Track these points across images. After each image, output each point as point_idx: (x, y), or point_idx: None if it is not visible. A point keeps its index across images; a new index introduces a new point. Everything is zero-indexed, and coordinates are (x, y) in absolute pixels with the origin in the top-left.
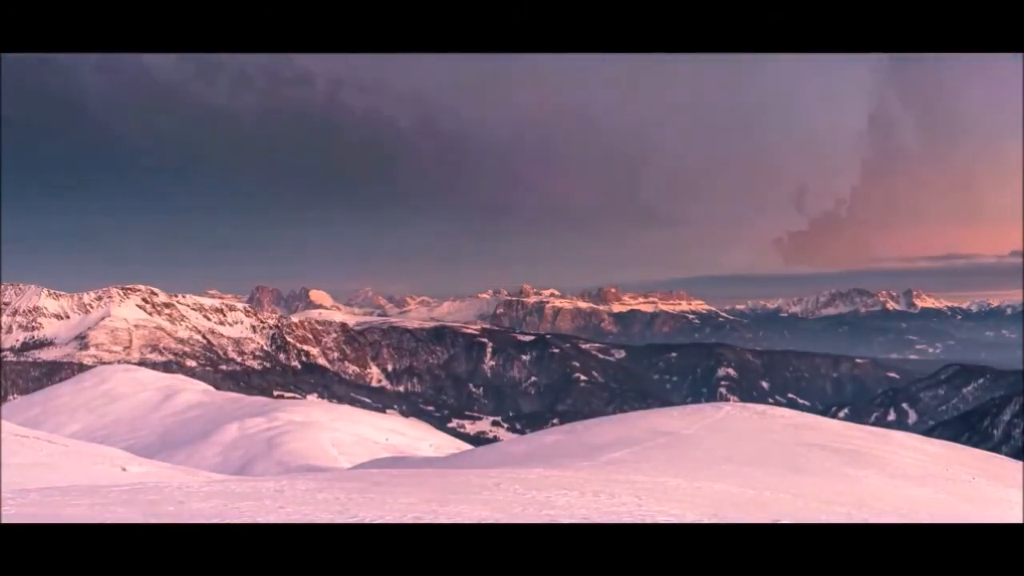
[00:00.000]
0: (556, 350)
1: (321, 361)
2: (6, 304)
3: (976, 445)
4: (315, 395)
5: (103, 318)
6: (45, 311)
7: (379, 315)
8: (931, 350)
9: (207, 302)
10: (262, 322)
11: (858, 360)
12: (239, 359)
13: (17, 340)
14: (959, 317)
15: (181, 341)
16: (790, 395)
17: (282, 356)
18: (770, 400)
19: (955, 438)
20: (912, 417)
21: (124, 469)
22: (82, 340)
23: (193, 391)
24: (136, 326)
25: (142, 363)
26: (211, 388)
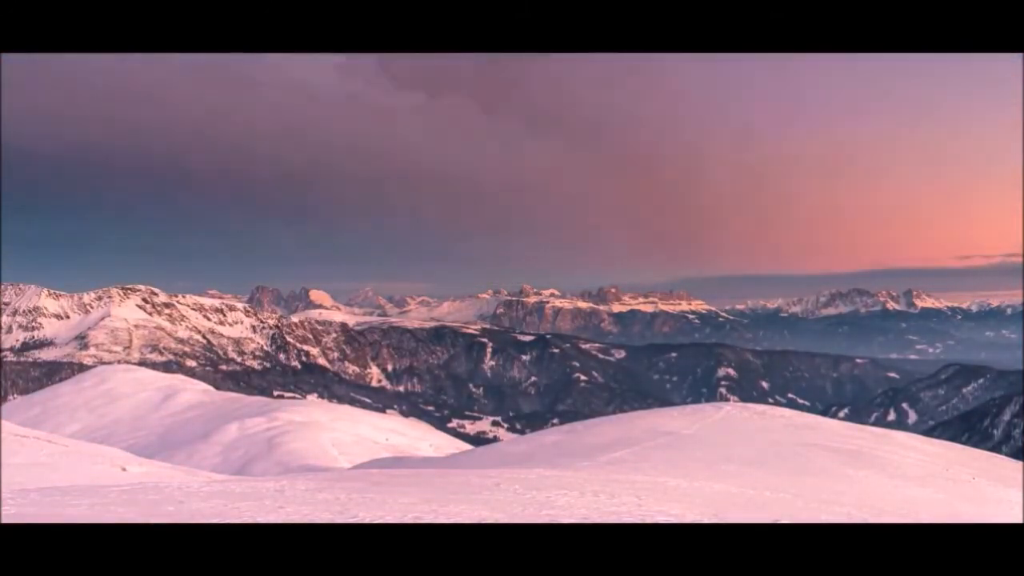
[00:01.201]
0: (556, 350)
1: (321, 361)
2: (6, 304)
3: (976, 445)
4: (315, 395)
5: (103, 318)
6: (45, 311)
7: (379, 315)
8: (931, 350)
9: (207, 302)
10: (262, 322)
11: (858, 360)
12: (239, 359)
13: (17, 340)
14: (959, 317)
15: (181, 341)
16: (790, 395)
17: (282, 356)
18: (770, 400)
19: (955, 438)
20: (912, 417)
21: (124, 469)
22: (82, 340)
23: (193, 391)
24: (136, 326)
25: (142, 363)
26: (211, 388)
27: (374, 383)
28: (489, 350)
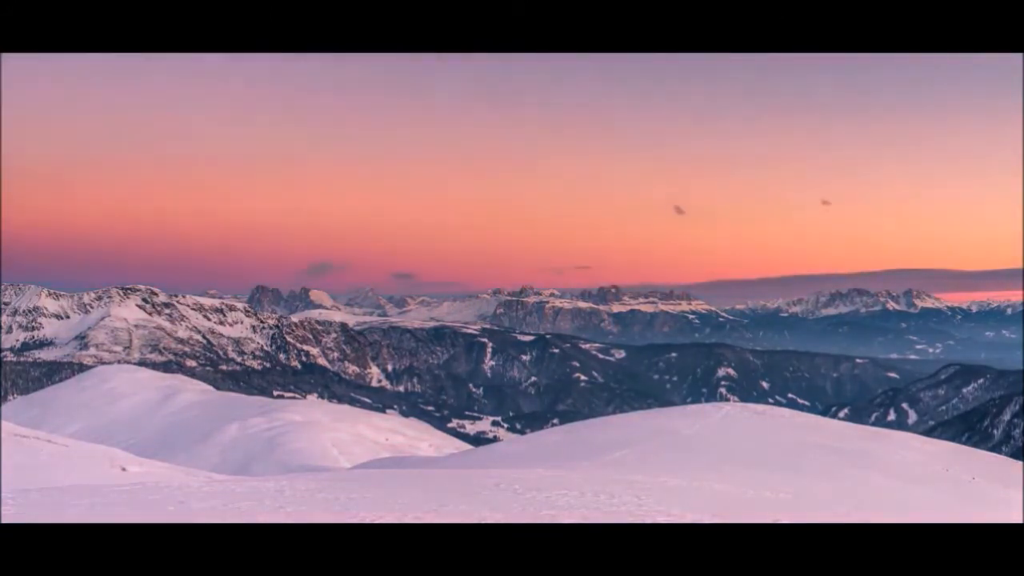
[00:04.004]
0: (556, 350)
1: (321, 361)
2: (6, 304)
3: (976, 445)
4: (315, 395)
5: (103, 318)
6: (45, 311)
7: (379, 315)
8: (931, 350)
9: (207, 302)
10: (262, 322)
11: (858, 360)
12: (239, 359)
13: (17, 340)
14: (959, 317)
15: (181, 341)
16: (790, 395)
17: (282, 356)
18: (770, 400)
19: (955, 438)
20: (912, 417)
21: (124, 469)
22: (82, 340)
23: (193, 391)
24: (136, 326)
25: (142, 363)
26: (211, 388)
27: (374, 383)
28: (489, 350)
